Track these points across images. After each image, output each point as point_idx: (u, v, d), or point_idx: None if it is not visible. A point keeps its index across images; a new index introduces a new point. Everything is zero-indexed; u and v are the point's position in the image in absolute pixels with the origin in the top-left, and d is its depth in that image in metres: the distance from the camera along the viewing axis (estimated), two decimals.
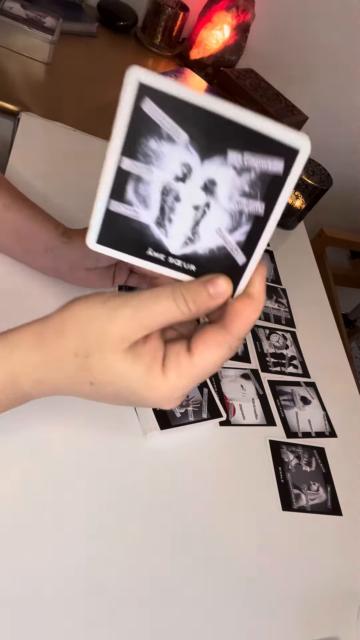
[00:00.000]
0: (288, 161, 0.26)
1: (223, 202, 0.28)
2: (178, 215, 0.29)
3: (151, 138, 0.26)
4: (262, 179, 0.27)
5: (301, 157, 0.25)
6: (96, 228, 0.30)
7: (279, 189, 0.27)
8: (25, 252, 0.54)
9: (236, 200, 0.27)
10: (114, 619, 0.40)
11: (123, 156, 0.27)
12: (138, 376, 0.30)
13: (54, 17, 0.93)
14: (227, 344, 0.30)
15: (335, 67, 1.28)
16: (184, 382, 0.30)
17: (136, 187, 0.28)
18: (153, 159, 0.27)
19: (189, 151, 0.26)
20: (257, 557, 0.49)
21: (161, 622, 0.41)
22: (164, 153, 0.27)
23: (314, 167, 0.92)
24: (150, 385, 0.30)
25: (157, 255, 0.30)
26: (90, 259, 0.54)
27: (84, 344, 0.30)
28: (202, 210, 0.28)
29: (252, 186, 0.27)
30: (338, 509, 0.58)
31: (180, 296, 0.29)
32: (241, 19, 1.17)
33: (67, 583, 0.39)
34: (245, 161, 0.26)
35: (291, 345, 0.73)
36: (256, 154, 0.26)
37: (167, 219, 0.29)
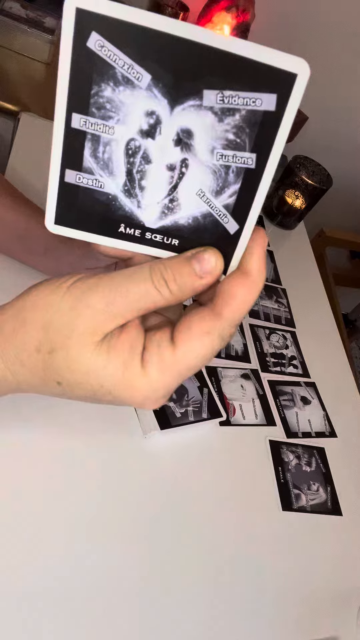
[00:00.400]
0: (282, 92, 0.20)
1: (203, 157, 0.22)
2: (150, 179, 0.23)
3: (104, 84, 0.21)
4: (249, 122, 0.21)
5: (299, 85, 0.20)
6: (52, 206, 0.25)
7: (272, 131, 0.21)
8: (26, 253, 0.54)
9: (219, 154, 0.22)
10: (113, 619, 0.39)
11: (73, 112, 0.22)
12: (113, 374, 0.25)
13: (54, 17, 0.93)
14: (218, 332, 0.24)
15: (335, 67, 1.28)
16: (167, 379, 0.25)
17: (95, 150, 0.23)
18: (110, 111, 0.21)
19: (154, 96, 0.21)
20: (257, 557, 0.49)
21: (161, 622, 0.41)
22: (123, 102, 0.21)
23: (314, 167, 0.92)
24: (128, 385, 0.25)
25: (130, 231, 0.25)
26: (91, 259, 0.54)
27: (47, 339, 0.25)
28: (179, 170, 0.23)
29: (238, 133, 0.21)
30: (338, 509, 0.58)
31: (159, 276, 0.24)
32: (241, 19, 1.17)
33: (67, 582, 0.39)
34: (226, 100, 0.20)
35: (291, 345, 0.73)
36: (240, 90, 0.20)
37: (138, 186, 0.23)
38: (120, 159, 0.23)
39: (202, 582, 0.45)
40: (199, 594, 0.44)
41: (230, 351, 0.65)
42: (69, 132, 0.22)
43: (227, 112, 0.21)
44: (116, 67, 0.20)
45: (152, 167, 0.23)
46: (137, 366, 0.25)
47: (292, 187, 0.89)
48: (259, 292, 0.24)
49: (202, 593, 0.44)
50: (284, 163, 1.09)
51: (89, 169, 0.23)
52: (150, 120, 0.21)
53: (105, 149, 0.23)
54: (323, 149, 1.35)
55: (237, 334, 0.68)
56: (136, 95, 0.21)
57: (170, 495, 0.48)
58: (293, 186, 0.89)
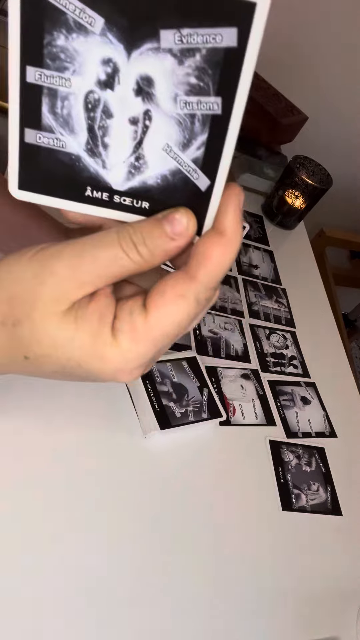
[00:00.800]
0: (242, 25, 0.18)
1: (166, 107, 0.20)
2: (113, 136, 0.22)
3: (57, 32, 0.19)
4: (211, 62, 0.19)
5: (259, 14, 0.18)
6: (14, 169, 0.23)
7: (236, 70, 0.19)
8: None
9: (182, 101, 0.20)
10: (112, 619, 0.39)
11: (26, 65, 0.20)
12: (82, 344, 0.23)
13: None
14: (193, 295, 0.22)
15: (335, 67, 1.28)
16: (140, 349, 0.23)
17: (53, 106, 0.21)
18: (65, 61, 0.20)
19: (110, 41, 0.19)
20: (257, 557, 0.49)
21: (161, 622, 0.41)
22: (77, 51, 0.20)
23: (314, 167, 0.92)
24: (98, 356, 0.23)
25: (97, 194, 0.23)
26: None
27: (11, 310, 0.24)
28: (142, 124, 0.21)
29: (200, 75, 0.19)
30: (338, 509, 0.58)
31: (127, 240, 0.22)
32: None
33: (67, 581, 0.39)
34: (185, 40, 0.19)
35: (291, 345, 0.73)
36: (198, 27, 0.18)
37: (101, 143, 0.22)
38: (80, 115, 0.21)
39: (201, 581, 0.45)
40: (199, 593, 0.44)
41: (230, 351, 0.65)
42: (24, 87, 0.20)
43: (187, 53, 0.19)
44: (67, 12, 0.19)
45: (114, 121, 0.21)
46: (107, 335, 0.23)
47: (292, 187, 0.89)
48: (235, 252, 0.22)
49: (202, 593, 0.44)
50: (284, 163, 1.09)
51: (48, 127, 0.22)
52: (107, 69, 0.20)
53: (63, 103, 0.21)
54: (323, 149, 1.35)
55: (237, 334, 0.68)
56: (90, 42, 0.19)
57: (170, 495, 0.48)
58: (293, 186, 0.89)
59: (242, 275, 0.78)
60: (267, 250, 0.87)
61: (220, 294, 0.72)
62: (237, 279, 0.77)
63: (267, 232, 0.92)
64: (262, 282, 0.80)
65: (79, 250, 0.22)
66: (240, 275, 0.78)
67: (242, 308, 0.73)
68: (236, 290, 0.75)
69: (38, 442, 0.45)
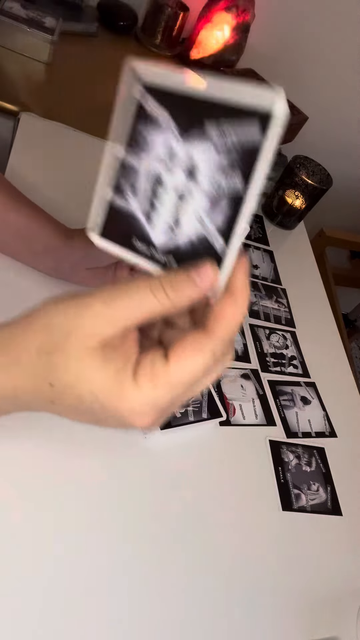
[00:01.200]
0: (263, 125, 0.24)
1: (203, 182, 0.26)
2: (162, 202, 0.28)
3: (140, 123, 0.28)
4: (239, 151, 0.25)
5: (276, 121, 0.23)
6: (99, 221, 0.30)
7: (257, 157, 0.24)
8: (26, 253, 0.54)
9: (216, 179, 0.26)
10: (112, 619, 0.40)
11: (117, 143, 0.29)
12: (104, 380, 0.25)
13: (54, 17, 0.93)
14: (210, 349, 0.25)
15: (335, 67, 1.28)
16: (157, 393, 0.25)
17: (128, 176, 0.29)
18: (141, 144, 0.28)
19: (171, 131, 0.27)
20: (257, 557, 0.49)
21: (161, 621, 0.41)
22: (149, 136, 0.27)
23: (314, 167, 0.92)
24: (117, 393, 0.25)
25: (144, 248, 0.29)
26: (91, 259, 0.54)
27: (49, 340, 0.26)
28: (184, 193, 0.27)
29: (231, 160, 0.25)
30: (338, 509, 0.58)
31: (157, 284, 0.25)
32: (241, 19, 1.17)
33: (67, 582, 0.39)
34: (223, 133, 0.25)
35: (291, 345, 0.73)
36: (232, 123, 0.24)
37: (153, 207, 0.28)
38: (143, 184, 0.28)
39: (201, 582, 0.45)
40: (199, 593, 0.44)
41: None
42: (113, 159, 0.29)
43: (224, 143, 0.25)
44: (147, 108, 0.27)
45: (165, 192, 0.28)
46: (129, 376, 0.25)
47: (292, 187, 0.89)
48: (245, 308, 0.27)
49: (202, 593, 0.44)
50: (284, 163, 1.09)
51: (124, 192, 0.29)
52: (167, 150, 0.27)
53: (134, 175, 0.28)
54: (323, 149, 1.35)
55: (237, 334, 0.68)
56: (159, 130, 0.27)
57: (170, 495, 0.48)
58: (293, 186, 0.89)
59: None
60: (267, 250, 0.87)
61: None
62: None
63: (267, 232, 0.92)
64: (262, 282, 0.80)
65: (114, 293, 0.26)
66: None
67: None
68: None
69: (38, 443, 0.44)
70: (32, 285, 0.55)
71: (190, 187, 0.27)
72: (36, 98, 0.82)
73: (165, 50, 1.20)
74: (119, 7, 1.17)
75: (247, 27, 1.20)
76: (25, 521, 0.40)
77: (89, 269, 0.55)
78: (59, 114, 0.80)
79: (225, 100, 0.24)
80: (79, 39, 1.06)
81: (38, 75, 0.88)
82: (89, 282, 0.57)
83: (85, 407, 0.26)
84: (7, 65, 0.86)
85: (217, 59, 1.20)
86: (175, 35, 1.20)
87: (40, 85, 0.86)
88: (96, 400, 0.26)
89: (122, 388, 0.25)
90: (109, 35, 1.14)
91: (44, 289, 0.55)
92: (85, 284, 0.57)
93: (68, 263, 0.54)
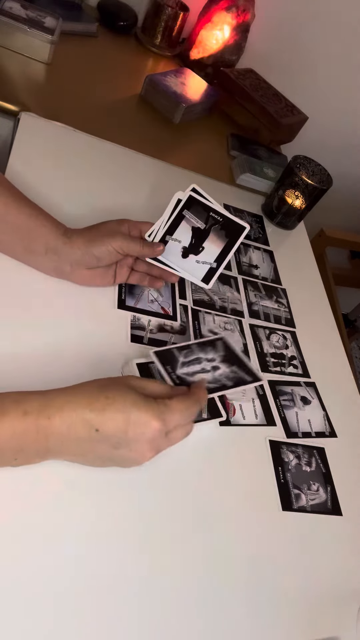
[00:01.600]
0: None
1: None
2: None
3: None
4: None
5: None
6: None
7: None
8: (26, 252, 0.54)
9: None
10: (112, 619, 0.40)
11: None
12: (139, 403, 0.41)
13: (54, 17, 0.93)
14: (188, 401, 0.44)
15: (335, 67, 1.28)
16: (166, 415, 0.42)
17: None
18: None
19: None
20: (257, 557, 0.49)
21: (161, 622, 0.41)
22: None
23: (314, 167, 0.92)
24: (147, 409, 0.41)
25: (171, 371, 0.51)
26: (92, 259, 0.54)
27: (124, 437, 0.41)
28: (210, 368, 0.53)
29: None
30: (338, 509, 0.58)
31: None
32: (241, 19, 1.17)
33: (67, 583, 0.39)
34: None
35: (291, 345, 0.73)
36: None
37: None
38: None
39: (201, 582, 0.45)
40: (199, 593, 0.44)
41: None
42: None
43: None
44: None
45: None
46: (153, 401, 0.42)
47: (292, 187, 0.89)
48: (202, 402, 0.47)
49: (202, 593, 0.44)
50: (284, 163, 1.09)
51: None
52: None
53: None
54: (323, 149, 1.35)
55: (237, 334, 0.68)
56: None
57: (170, 495, 0.48)
58: (293, 186, 0.89)
59: (242, 275, 0.78)
60: (267, 250, 0.87)
61: (220, 294, 0.72)
62: (237, 279, 0.77)
63: (267, 232, 0.92)
64: (262, 282, 0.80)
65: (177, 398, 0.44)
66: (240, 275, 0.78)
67: (242, 308, 0.73)
68: (236, 290, 0.75)
69: None
70: (31, 285, 0.55)
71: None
72: (36, 98, 0.82)
73: (165, 50, 1.20)
74: (119, 7, 1.17)
75: (247, 27, 1.20)
76: (22, 522, 0.40)
77: (89, 269, 0.56)
78: (59, 114, 0.80)
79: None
80: (79, 39, 1.06)
81: (38, 75, 0.88)
82: (90, 281, 0.57)
83: (123, 431, 0.40)
84: (7, 65, 0.86)
85: (217, 59, 1.20)
86: (175, 35, 1.20)
87: (40, 85, 0.87)
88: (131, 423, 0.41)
89: (150, 406, 0.41)
90: (109, 35, 1.15)
91: (44, 289, 0.55)
92: (85, 283, 0.57)
93: (68, 263, 0.54)
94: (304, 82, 1.32)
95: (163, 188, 0.82)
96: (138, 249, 0.55)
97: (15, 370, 0.48)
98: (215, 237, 0.60)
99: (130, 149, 0.86)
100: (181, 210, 0.57)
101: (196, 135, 1.05)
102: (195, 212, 0.58)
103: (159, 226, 0.58)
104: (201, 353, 0.53)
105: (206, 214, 0.58)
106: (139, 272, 0.61)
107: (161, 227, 0.58)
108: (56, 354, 0.51)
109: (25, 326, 0.52)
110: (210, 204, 0.58)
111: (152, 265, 0.59)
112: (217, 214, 0.58)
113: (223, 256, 0.60)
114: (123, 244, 0.54)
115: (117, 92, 0.99)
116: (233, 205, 0.91)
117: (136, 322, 0.60)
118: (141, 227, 0.58)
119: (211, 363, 0.52)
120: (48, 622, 0.37)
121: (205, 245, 0.60)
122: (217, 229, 0.59)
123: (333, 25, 1.22)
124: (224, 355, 0.54)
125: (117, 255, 0.55)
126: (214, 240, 0.60)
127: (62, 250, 0.53)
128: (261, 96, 1.15)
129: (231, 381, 0.52)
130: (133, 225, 0.57)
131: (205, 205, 0.58)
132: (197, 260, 0.60)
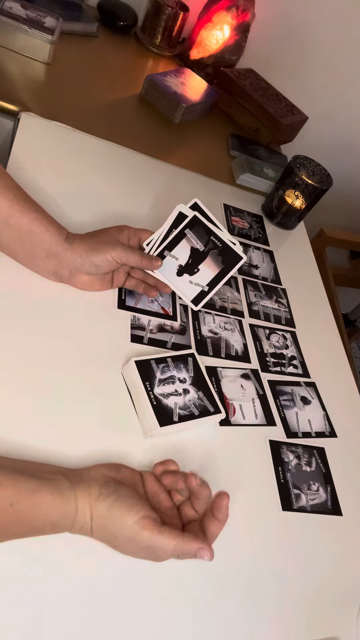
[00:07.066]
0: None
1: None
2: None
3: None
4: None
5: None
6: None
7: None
8: (28, 256, 0.54)
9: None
10: (113, 621, 0.40)
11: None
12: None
13: (54, 17, 0.93)
14: (201, 541, 0.41)
15: (335, 67, 1.28)
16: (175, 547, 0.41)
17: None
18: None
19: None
20: (256, 557, 0.49)
21: (161, 622, 0.41)
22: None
23: (314, 167, 0.92)
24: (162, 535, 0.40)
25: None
26: (91, 266, 0.54)
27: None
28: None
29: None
30: (338, 509, 0.58)
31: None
32: (241, 19, 1.17)
33: (68, 584, 0.39)
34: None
35: (291, 345, 0.73)
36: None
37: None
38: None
39: (201, 581, 0.45)
40: (198, 593, 0.44)
41: (230, 351, 0.65)
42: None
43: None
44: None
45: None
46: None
47: (292, 187, 0.89)
48: (223, 524, 0.44)
49: (202, 593, 0.44)
50: (284, 163, 1.09)
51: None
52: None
53: None
54: (323, 149, 1.35)
55: (237, 334, 0.68)
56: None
57: None
58: (293, 186, 0.89)
59: (242, 275, 0.78)
60: (267, 250, 0.87)
61: (220, 294, 0.72)
62: (237, 279, 0.77)
63: (267, 232, 0.92)
64: (262, 282, 0.80)
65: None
66: (240, 275, 0.78)
67: (242, 308, 0.73)
68: (236, 290, 0.75)
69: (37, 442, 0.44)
70: (32, 284, 0.55)
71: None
72: (36, 98, 0.82)
73: (165, 50, 1.20)
74: (119, 7, 1.17)
75: (247, 27, 1.20)
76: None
77: (88, 275, 0.56)
78: (59, 114, 0.80)
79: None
80: (79, 39, 1.06)
81: (38, 75, 0.88)
82: (88, 286, 0.57)
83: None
84: (7, 65, 0.86)
85: (217, 59, 1.20)
86: (175, 35, 1.20)
87: (40, 85, 0.86)
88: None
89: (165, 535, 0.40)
90: (109, 35, 1.15)
91: (44, 289, 0.55)
92: (84, 288, 0.57)
93: (67, 268, 0.54)
94: (304, 82, 1.32)
95: (163, 188, 0.82)
96: (137, 260, 0.56)
97: (15, 370, 0.48)
98: (211, 261, 0.61)
99: (130, 149, 0.86)
100: (183, 229, 0.58)
101: (196, 135, 1.05)
102: (197, 233, 0.59)
103: (157, 236, 0.59)
104: (175, 370, 0.55)
105: (207, 237, 0.60)
106: (135, 279, 0.61)
107: (160, 238, 0.59)
108: (56, 354, 0.51)
109: (25, 326, 0.52)
110: (212, 228, 0.59)
111: (147, 274, 0.60)
112: (217, 239, 0.60)
113: (216, 281, 0.62)
114: (122, 254, 0.54)
115: (117, 92, 0.99)
116: (233, 205, 0.91)
117: (136, 322, 0.60)
118: (140, 235, 0.59)
119: (182, 385, 0.53)
120: (48, 628, 0.37)
121: (201, 268, 0.61)
122: (215, 253, 0.61)
123: (333, 25, 1.22)
124: (193, 377, 0.55)
125: (116, 264, 0.55)
126: (209, 264, 0.61)
127: (63, 255, 0.53)
128: (261, 96, 1.15)
129: (197, 409, 0.53)
130: (133, 232, 0.58)
131: (208, 228, 0.59)
132: (190, 281, 0.61)
